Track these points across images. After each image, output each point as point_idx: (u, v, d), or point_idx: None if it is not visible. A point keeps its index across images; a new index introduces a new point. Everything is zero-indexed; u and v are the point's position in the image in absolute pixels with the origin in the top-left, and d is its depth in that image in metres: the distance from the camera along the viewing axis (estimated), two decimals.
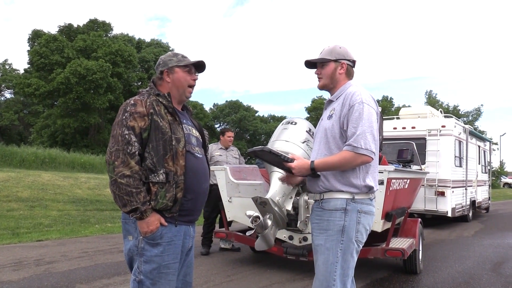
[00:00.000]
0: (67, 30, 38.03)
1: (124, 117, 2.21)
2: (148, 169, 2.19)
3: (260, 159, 2.73)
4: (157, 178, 2.18)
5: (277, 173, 4.01)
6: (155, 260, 2.21)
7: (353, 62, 2.69)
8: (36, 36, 35.57)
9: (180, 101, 2.47)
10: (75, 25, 38.53)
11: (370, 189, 2.52)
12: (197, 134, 2.48)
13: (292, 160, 2.57)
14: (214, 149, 6.60)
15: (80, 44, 34.61)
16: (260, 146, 2.63)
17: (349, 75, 2.68)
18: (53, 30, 38.77)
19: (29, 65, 36.24)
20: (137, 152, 2.17)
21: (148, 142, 2.21)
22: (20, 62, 61.88)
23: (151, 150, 2.20)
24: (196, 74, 2.50)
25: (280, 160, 2.59)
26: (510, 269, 6.10)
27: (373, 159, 2.45)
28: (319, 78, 2.71)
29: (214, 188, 5.62)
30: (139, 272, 2.21)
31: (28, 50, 35.31)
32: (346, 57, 2.65)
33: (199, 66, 2.49)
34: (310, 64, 2.74)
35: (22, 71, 40.60)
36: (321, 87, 2.72)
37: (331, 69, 2.64)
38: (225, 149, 6.68)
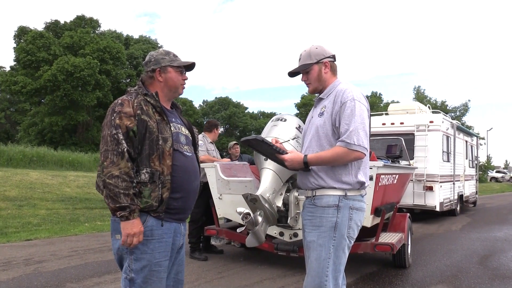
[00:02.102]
0: (54, 27, 37.57)
1: (112, 117, 2.20)
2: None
3: (254, 149, 2.73)
4: (139, 178, 2.18)
5: (268, 170, 4.03)
6: (146, 258, 2.20)
7: (333, 56, 2.69)
8: (22, 33, 35.07)
9: (170, 99, 2.47)
10: (62, 22, 38.11)
11: (362, 185, 2.54)
12: (187, 132, 2.47)
13: (285, 152, 2.57)
14: (207, 142, 6.27)
15: (67, 41, 34.21)
16: (253, 135, 2.63)
17: (334, 71, 2.69)
18: (40, 26, 38.26)
19: (15, 62, 35.74)
20: (125, 150, 2.15)
21: (134, 141, 2.19)
22: (6, 59, 61.16)
23: (135, 149, 2.20)
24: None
25: (273, 151, 2.59)
26: (497, 262, 6.20)
27: (365, 155, 2.47)
28: (307, 84, 2.70)
29: (205, 187, 5.60)
30: (130, 270, 2.21)
31: (14, 47, 34.82)
32: (326, 55, 2.64)
33: (189, 66, 2.50)
34: (294, 73, 2.73)
35: (8, 69, 40.04)
36: (313, 92, 2.71)
37: (316, 72, 2.64)
38: (212, 143, 6.49)
